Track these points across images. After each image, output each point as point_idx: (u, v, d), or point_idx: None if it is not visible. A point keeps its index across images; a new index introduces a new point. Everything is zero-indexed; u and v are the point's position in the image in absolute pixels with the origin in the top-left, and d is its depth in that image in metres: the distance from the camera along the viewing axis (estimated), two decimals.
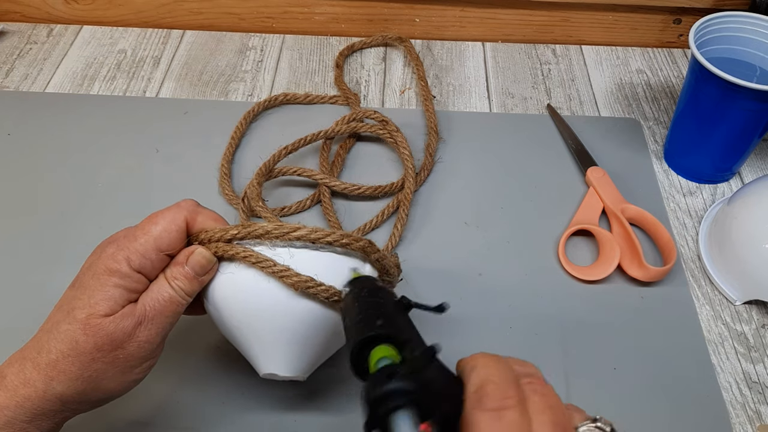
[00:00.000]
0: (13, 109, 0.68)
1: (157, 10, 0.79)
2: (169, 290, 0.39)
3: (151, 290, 0.39)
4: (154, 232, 0.38)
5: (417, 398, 0.24)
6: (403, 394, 0.24)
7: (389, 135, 0.63)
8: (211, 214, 0.41)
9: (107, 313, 0.36)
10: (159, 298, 0.38)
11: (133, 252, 0.38)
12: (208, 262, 0.40)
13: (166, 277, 0.39)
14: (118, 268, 0.37)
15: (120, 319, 0.37)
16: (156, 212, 0.40)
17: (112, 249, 0.38)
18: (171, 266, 0.40)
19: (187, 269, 0.39)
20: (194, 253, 0.39)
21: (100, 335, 0.36)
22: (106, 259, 0.37)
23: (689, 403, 0.48)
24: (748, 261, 0.53)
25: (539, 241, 0.58)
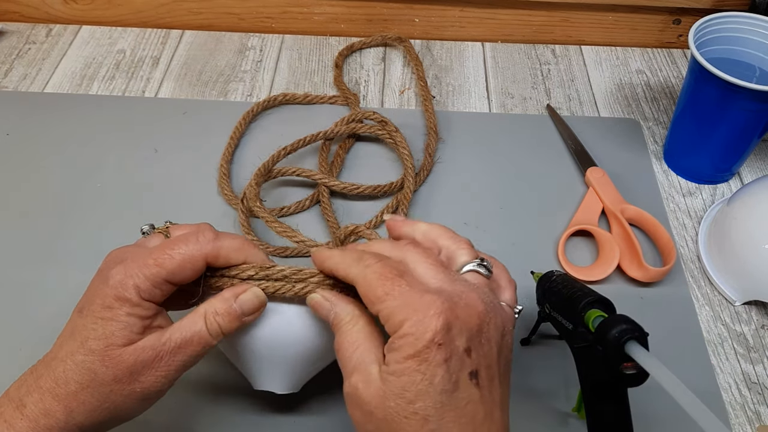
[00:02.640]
0: (11, 109, 0.68)
1: (157, 10, 0.79)
2: (202, 327, 0.36)
3: (181, 325, 0.37)
4: (169, 266, 0.36)
5: (640, 332, 0.36)
6: (633, 329, 0.36)
7: (388, 135, 0.63)
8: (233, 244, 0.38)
9: (125, 344, 0.35)
10: (187, 335, 0.36)
11: (142, 281, 0.35)
12: (260, 303, 0.38)
13: (205, 313, 0.37)
14: (128, 297, 0.35)
15: (140, 351, 0.35)
16: (174, 240, 0.37)
17: (120, 275, 0.36)
18: (214, 300, 0.37)
19: (235, 306, 0.37)
20: (248, 291, 0.37)
21: (119, 367, 0.35)
22: (116, 287, 0.35)
23: None
24: (748, 261, 0.53)
25: (539, 241, 0.58)
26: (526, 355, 0.50)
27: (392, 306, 0.32)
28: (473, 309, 0.33)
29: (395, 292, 0.32)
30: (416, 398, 0.31)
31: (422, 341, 0.31)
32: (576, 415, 0.46)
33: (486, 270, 0.36)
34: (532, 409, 0.47)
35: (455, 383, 0.31)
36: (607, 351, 0.37)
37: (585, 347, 0.39)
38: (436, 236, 0.38)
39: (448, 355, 0.31)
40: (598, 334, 0.38)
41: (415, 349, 0.31)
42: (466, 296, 0.33)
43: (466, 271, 0.36)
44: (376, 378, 0.32)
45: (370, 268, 0.34)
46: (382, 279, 0.33)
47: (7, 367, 0.39)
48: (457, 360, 0.31)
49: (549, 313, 0.45)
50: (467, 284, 0.34)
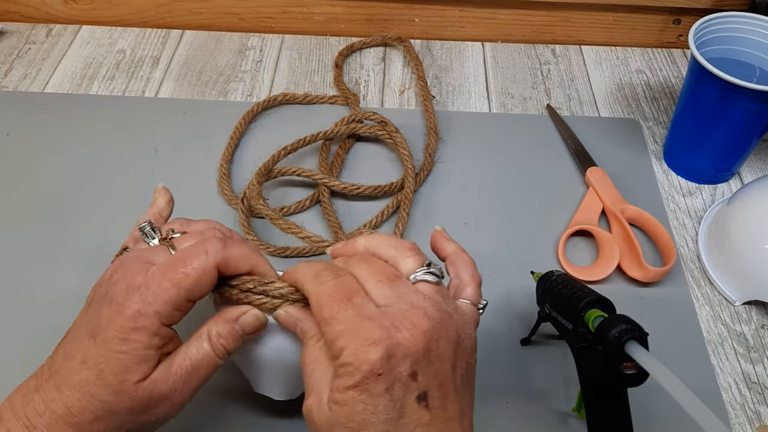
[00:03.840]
0: (11, 109, 0.68)
1: (156, 10, 0.79)
2: (209, 350, 0.36)
3: (188, 350, 0.36)
4: (186, 284, 0.34)
5: (640, 332, 0.37)
6: (633, 329, 0.37)
7: (388, 136, 0.63)
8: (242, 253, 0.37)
9: (141, 379, 0.34)
10: (196, 359, 0.35)
11: (162, 305, 0.34)
12: (261, 324, 0.37)
13: (209, 335, 0.36)
14: (148, 326, 0.34)
15: (154, 385, 0.34)
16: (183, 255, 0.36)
17: (137, 304, 0.34)
18: (217, 323, 0.36)
19: (236, 328, 0.36)
20: (248, 314, 0.37)
21: (135, 401, 0.34)
22: (134, 318, 0.34)
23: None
24: (748, 261, 0.53)
25: (539, 241, 0.58)
26: (526, 355, 0.50)
27: (335, 331, 0.32)
28: (418, 329, 0.32)
29: (339, 316, 0.32)
30: (360, 428, 0.30)
31: (361, 372, 0.30)
32: (576, 415, 0.46)
33: (434, 276, 0.35)
34: (532, 409, 0.47)
35: (400, 410, 0.31)
36: (607, 351, 0.37)
37: (585, 347, 0.40)
38: (377, 248, 0.37)
39: (389, 384, 0.30)
40: (598, 334, 0.38)
41: (355, 380, 0.30)
42: (410, 316, 0.32)
43: (416, 280, 0.35)
44: (324, 404, 0.32)
45: (323, 286, 0.34)
46: (329, 300, 0.33)
47: (6, 366, 0.39)
48: (401, 387, 0.31)
49: (549, 313, 0.45)
50: (415, 298, 0.33)
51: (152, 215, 0.42)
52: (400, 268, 0.36)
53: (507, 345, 0.51)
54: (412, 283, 0.35)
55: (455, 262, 0.39)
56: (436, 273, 0.35)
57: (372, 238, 0.38)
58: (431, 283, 0.35)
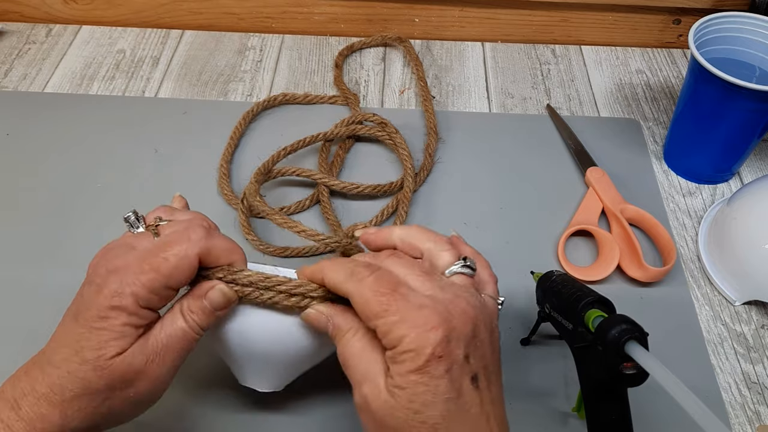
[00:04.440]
0: (11, 109, 0.68)
1: (156, 10, 0.79)
2: (183, 324, 0.37)
3: (163, 324, 0.37)
4: (165, 269, 0.36)
5: (640, 332, 0.37)
6: (633, 329, 0.36)
7: (388, 137, 0.63)
8: (222, 245, 0.38)
9: (117, 353, 0.35)
10: (171, 333, 0.36)
11: (140, 288, 0.35)
12: (227, 300, 0.38)
13: (181, 311, 0.37)
14: (126, 305, 0.35)
15: (131, 358, 0.35)
16: (166, 241, 0.37)
17: (115, 284, 0.35)
18: (188, 298, 0.38)
19: (205, 303, 0.37)
20: (214, 289, 0.37)
21: (113, 376, 0.35)
22: (112, 297, 0.35)
23: None
24: (748, 261, 0.53)
25: (539, 241, 0.58)
26: (526, 355, 0.50)
27: (390, 322, 0.33)
28: (466, 315, 0.33)
29: (392, 307, 0.33)
30: (423, 409, 0.32)
31: (423, 356, 0.32)
32: (576, 415, 0.46)
33: (470, 269, 0.37)
34: (532, 409, 0.47)
35: (458, 390, 0.32)
36: (607, 351, 0.37)
37: (585, 347, 0.40)
38: (415, 240, 0.39)
39: (449, 366, 0.32)
40: (597, 334, 0.38)
41: (418, 364, 0.32)
42: (457, 303, 0.34)
43: (452, 273, 0.37)
44: (383, 390, 0.33)
45: (364, 282, 0.35)
46: (377, 294, 0.34)
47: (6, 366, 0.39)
48: (458, 368, 0.32)
49: (549, 313, 0.45)
50: (455, 289, 0.35)
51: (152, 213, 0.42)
52: (438, 261, 0.37)
53: (507, 345, 0.51)
54: (449, 276, 0.37)
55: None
56: (472, 266, 0.37)
57: (410, 229, 0.39)
58: (468, 276, 0.37)
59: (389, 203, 0.59)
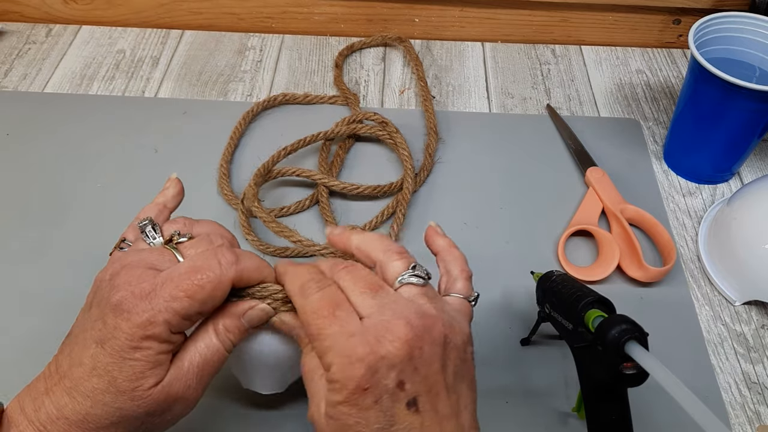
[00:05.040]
0: (11, 109, 0.68)
1: (156, 10, 0.79)
2: (217, 344, 0.36)
3: (196, 347, 0.36)
4: (200, 296, 0.34)
5: (640, 332, 0.37)
6: (633, 329, 0.36)
7: (389, 136, 0.63)
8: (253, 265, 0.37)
9: (155, 384, 0.34)
10: (207, 356, 0.36)
11: (173, 315, 0.33)
12: (267, 318, 0.37)
13: (216, 331, 0.36)
14: (159, 333, 0.33)
15: (168, 387, 0.34)
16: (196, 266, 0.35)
17: (147, 312, 0.33)
18: (225, 317, 0.36)
19: (243, 322, 0.37)
20: (255, 308, 0.37)
21: (152, 405, 0.34)
22: (145, 326, 0.33)
23: None
24: (748, 261, 0.53)
25: (539, 241, 0.58)
26: (526, 355, 0.50)
27: (323, 347, 0.33)
28: (400, 340, 0.32)
29: (326, 331, 0.33)
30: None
31: (347, 389, 0.31)
32: (576, 415, 0.46)
33: (419, 278, 0.36)
34: (532, 409, 0.47)
35: (390, 419, 0.32)
36: (607, 351, 0.37)
37: (585, 347, 0.40)
38: (369, 249, 0.38)
39: (377, 397, 0.31)
40: (597, 334, 0.38)
41: (343, 396, 0.31)
42: (392, 326, 0.33)
43: (401, 283, 0.36)
44: (322, 415, 0.33)
45: (308, 300, 0.35)
46: (315, 316, 0.34)
47: (6, 366, 0.39)
48: (389, 398, 0.32)
49: (549, 313, 0.45)
50: (398, 306, 0.34)
51: (157, 206, 0.42)
52: (387, 271, 0.36)
53: (507, 345, 0.51)
54: (397, 287, 0.36)
55: (445, 258, 0.40)
56: (420, 275, 0.36)
57: (365, 237, 0.39)
58: (416, 285, 0.35)
59: (389, 204, 0.59)
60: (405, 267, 0.36)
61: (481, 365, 0.44)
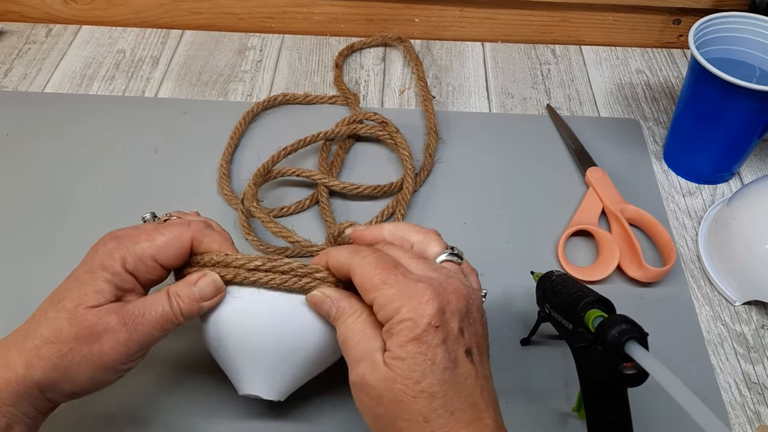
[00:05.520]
0: (11, 109, 0.68)
1: (156, 10, 0.79)
2: (166, 305, 0.39)
3: (146, 298, 0.39)
4: (158, 241, 0.39)
5: (640, 332, 0.37)
6: (633, 329, 0.37)
7: (389, 136, 0.63)
8: (216, 237, 0.41)
9: (94, 305, 0.37)
10: (152, 309, 0.38)
11: (130, 253, 0.38)
12: (216, 290, 0.40)
13: (168, 292, 0.39)
14: (112, 265, 0.38)
15: (104, 313, 0.37)
16: (166, 223, 0.41)
17: (111, 246, 0.39)
18: (178, 283, 0.40)
19: (194, 290, 0.39)
20: (205, 276, 0.39)
21: (83, 325, 0.37)
22: (103, 255, 0.38)
23: None
24: (748, 262, 0.53)
25: (539, 241, 0.58)
26: (526, 355, 0.50)
27: (389, 294, 0.34)
28: (459, 293, 0.35)
29: (391, 280, 0.35)
30: (421, 378, 0.33)
31: (421, 325, 0.33)
32: (576, 415, 0.46)
33: (458, 258, 0.39)
34: (532, 409, 0.47)
35: (454, 361, 0.34)
36: (607, 351, 0.37)
37: (585, 347, 0.40)
38: (404, 233, 0.41)
39: (445, 336, 0.34)
40: (597, 334, 0.38)
41: (415, 333, 0.33)
42: (450, 282, 0.36)
43: (441, 261, 0.39)
44: (381, 364, 0.34)
45: (367, 259, 0.37)
46: (378, 269, 0.36)
47: None
48: (453, 340, 0.34)
49: (549, 313, 0.45)
50: (446, 271, 0.37)
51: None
52: (427, 251, 0.39)
53: (507, 345, 0.51)
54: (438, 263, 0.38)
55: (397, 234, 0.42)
56: (459, 255, 0.39)
57: (398, 225, 0.41)
58: (455, 263, 0.39)
59: (389, 204, 0.59)
60: (443, 247, 0.39)
61: None
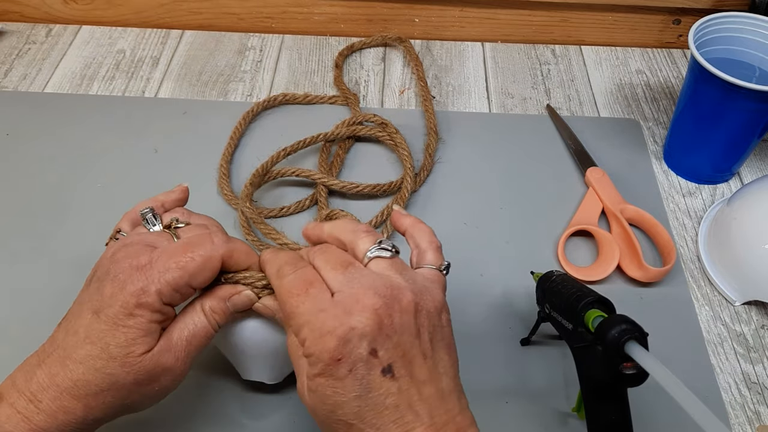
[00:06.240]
0: (11, 109, 0.68)
1: (156, 10, 0.79)
2: (205, 323, 0.38)
3: (185, 322, 0.38)
4: (191, 268, 0.37)
5: (640, 332, 0.37)
6: (633, 329, 0.37)
7: (389, 137, 0.63)
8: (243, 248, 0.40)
9: (146, 351, 0.36)
10: (195, 332, 0.38)
11: (164, 285, 0.36)
12: (251, 304, 0.39)
13: (203, 310, 0.38)
14: (151, 303, 0.36)
15: (158, 356, 0.36)
16: (191, 242, 0.38)
17: (141, 282, 0.36)
18: (211, 299, 0.39)
19: (228, 305, 0.39)
20: (241, 294, 0.39)
21: (141, 372, 0.36)
22: (138, 294, 0.35)
23: None
24: (748, 261, 0.53)
25: (539, 241, 0.58)
26: (526, 355, 0.50)
27: (297, 324, 0.34)
28: (369, 310, 0.33)
29: (300, 309, 0.34)
30: (335, 408, 0.33)
31: (322, 361, 0.33)
32: (576, 415, 0.46)
33: (386, 251, 0.37)
34: (532, 409, 0.47)
35: (366, 387, 0.33)
36: (607, 351, 0.37)
37: (585, 347, 0.40)
38: (338, 233, 0.39)
39: (351, 366, 0.33)
40: (597, 334, 0.38)
41: (319, 369, 0.33)
42: (362, 298, 0.34)
43: (370, 258, 0.37)
44: (305, 389, 0.35)
45: (283, 281, 0.36)
46: (288, 295, 0.35)
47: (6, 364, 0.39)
48: (363, 366, 0.33)
49: (549, 313, 0.45)
50: (367, 279, 0.35)
51: (155, 201, 0.43)
52: (357, 248, 0.38)
53: (507, 345, 0.51)
54: (366, 262, 0.37)
55: (413, 234, 0.41)
56: (387, 248, 0.37)
57: (335, 223, 0.40)
58: (385, 258, 0.37)
59: (389, 203, 0.59)
60: (372, 242, 0.37)
61: (481, 365, 0.44)
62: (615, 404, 0.40)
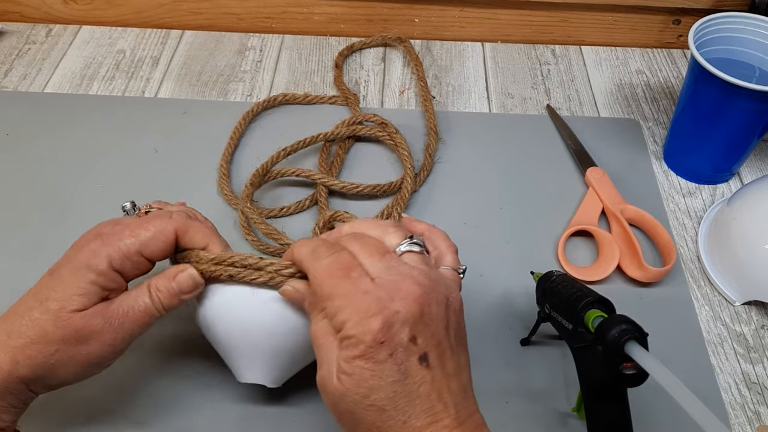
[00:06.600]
0: (11, 109, 0.68)
1: (156, 10, 0.79)
2: (147, 300, 0.39)
3: (128, 295, 0.39)
4: (143, 236, 0.39)
5: (640, 332, 0.37)
6: (633, 329, 0.37)
7: (388, 137, 0.63)
8: (200, 228, 0.41)
9: (79, 309, 0.37)
10: (135, 306, 0.39)
11: (115, 251, 0.38)
12: (195, 284, 0.40)
13: (149, 287, 0.40)
14: (98, 264, 0.38)
15: (90, 317, 0.37)
16: (148, 217, 0.41)
17: (95, 244, 0.39)
18: (158, 277, 0.40)
19: (173, 285, 0.40)
20: (184, 272, 0.40)
21: (69, 329, 0.37)
22: (88, 254, 0.38)
23: None
24: (748, 262, 0.53)
25: (539, 241, 0.58)
26: (526, 355, 0.50)
27: (336, 305, 0.34)
28: (411, 297, 0.34)
29: (340, 290, 0.34)
30: (370, 393, 0.33)
31: (364, 343, 0.33)
32: (576, 415, 0.46)
33: (417, 246, 0.38)
34: (532, 409, 0.47)
35: (404, 372, 0.33)
36: (607, 351, 0.37)
37: (585, 347, 0.40)
38: (364, 230, 0.40)
39: (392, 350, 0.33)
40: (597, 334, 0.38)
41: (360, 351, 0.33)
42: (402, 285, 0.34)
43: (401, 252, 0.37)
44: (334, 375, 0.34)
45: (320, 263, 0.36)
46: (328, 277, 0.35)
47: None
48: (403, 351, 0.33)
49: (549, 313, 0.45)
50: (404, 269, 0.36)
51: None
52: (387, 243, 0.38)
53: (507, 345, 0.51)
54: (399, 255, 0.37)
55: (430, 237, 0.42)
56: (419, 243, 0.38)
57: (356, 223, 0.40)
58: (416, 253, 0.37)
59: (389, 203, 0.59)
60: (402, 237, 0.38)
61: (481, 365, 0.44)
62: (615, 404, 0.40)
